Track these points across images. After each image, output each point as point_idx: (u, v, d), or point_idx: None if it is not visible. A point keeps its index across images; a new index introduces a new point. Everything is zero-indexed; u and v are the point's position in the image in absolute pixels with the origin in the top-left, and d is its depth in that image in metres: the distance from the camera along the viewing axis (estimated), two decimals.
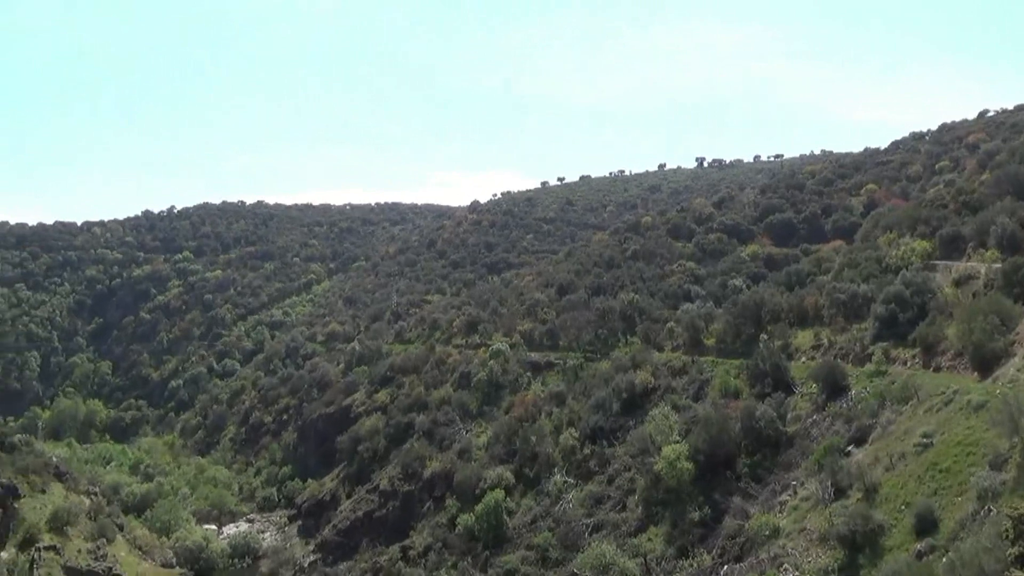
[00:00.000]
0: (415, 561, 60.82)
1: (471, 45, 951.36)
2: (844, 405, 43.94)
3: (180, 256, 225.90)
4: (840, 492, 35.39)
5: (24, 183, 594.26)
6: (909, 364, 44.86)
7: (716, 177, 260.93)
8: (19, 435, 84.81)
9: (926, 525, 29.23)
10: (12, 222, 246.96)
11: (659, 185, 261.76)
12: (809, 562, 32.45)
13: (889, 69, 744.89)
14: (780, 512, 38.64)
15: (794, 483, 40.27)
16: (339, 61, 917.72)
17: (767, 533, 36.93)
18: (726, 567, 38.00)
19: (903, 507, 31.34)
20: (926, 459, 32.87)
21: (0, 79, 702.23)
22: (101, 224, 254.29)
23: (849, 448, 39.55)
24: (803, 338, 56.74)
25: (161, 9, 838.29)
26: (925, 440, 34.09)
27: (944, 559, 25.81)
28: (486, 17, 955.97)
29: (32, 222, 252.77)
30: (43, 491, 64.63)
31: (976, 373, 38.89)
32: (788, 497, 39.56)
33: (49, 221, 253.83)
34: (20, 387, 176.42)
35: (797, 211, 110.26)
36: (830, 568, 31.15)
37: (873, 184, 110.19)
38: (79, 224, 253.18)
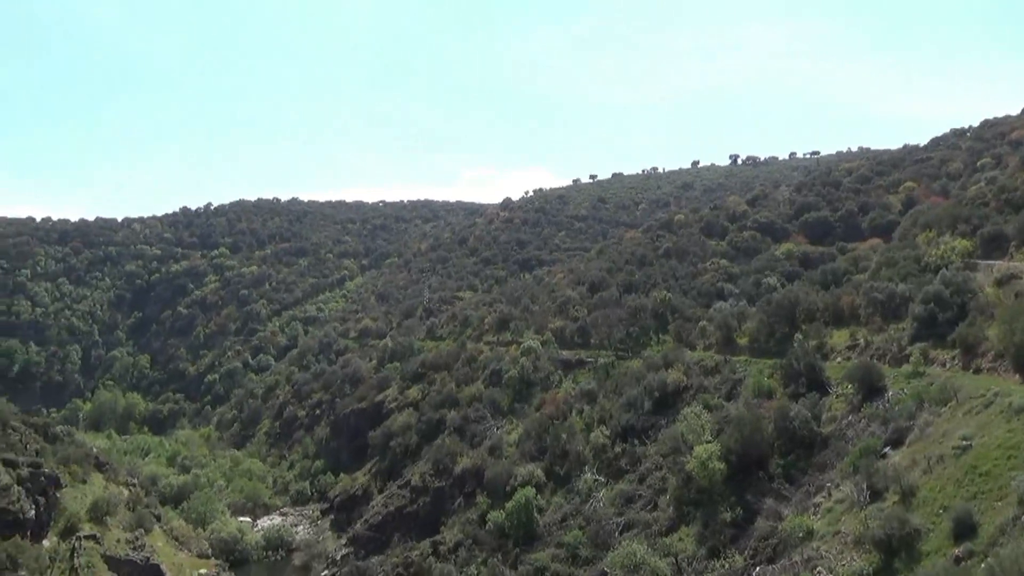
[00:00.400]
0: (446, 557, 60.67)
1: (505, 43, 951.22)
2: (881, 406, 43.01)
3: (216, 252, 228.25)
4: (876, 495, 34.66)
5: (67, 180, 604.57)
6: (948, 365, 43.89)
7: (750, 175, 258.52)
8: (61, 426, 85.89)
9: (964, 530, 28.55)
10: (55, 218, 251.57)
11: (692, 183, 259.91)
12: (843, 565, 31.84)
13: (929, 63, 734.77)
14: (814, 514, 37.95)
15: (828, 485, 39.52)
16: (373, 60, 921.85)
17: (800, 535, 36.28)
18: (758, 568, 37.37)
19: (941, 511, 30.63)
20: (965, 462, 32.12)
21: (41, 82, 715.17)
22: (141, 220, 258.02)
23: (885, 450, 38.72)
24: (839, 338, 55.77)
25: (195, 8, 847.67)
26: (964, 443, 33.32)
27: (983, 564, 25.22)
28: (521, 15, 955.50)
29: (74, 218, 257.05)
30: (84, 481, 65.36)
31: (1017, 375, 38.04)
32: (822, 499, 38.84)
33: (91, 217, 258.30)
34: (62, 380, 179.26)
35: (833, 209, 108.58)
36: (865, 572, 30.54)
37: (912, 182, 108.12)
38: (119, 220, 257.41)
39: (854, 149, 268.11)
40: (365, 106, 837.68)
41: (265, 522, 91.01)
